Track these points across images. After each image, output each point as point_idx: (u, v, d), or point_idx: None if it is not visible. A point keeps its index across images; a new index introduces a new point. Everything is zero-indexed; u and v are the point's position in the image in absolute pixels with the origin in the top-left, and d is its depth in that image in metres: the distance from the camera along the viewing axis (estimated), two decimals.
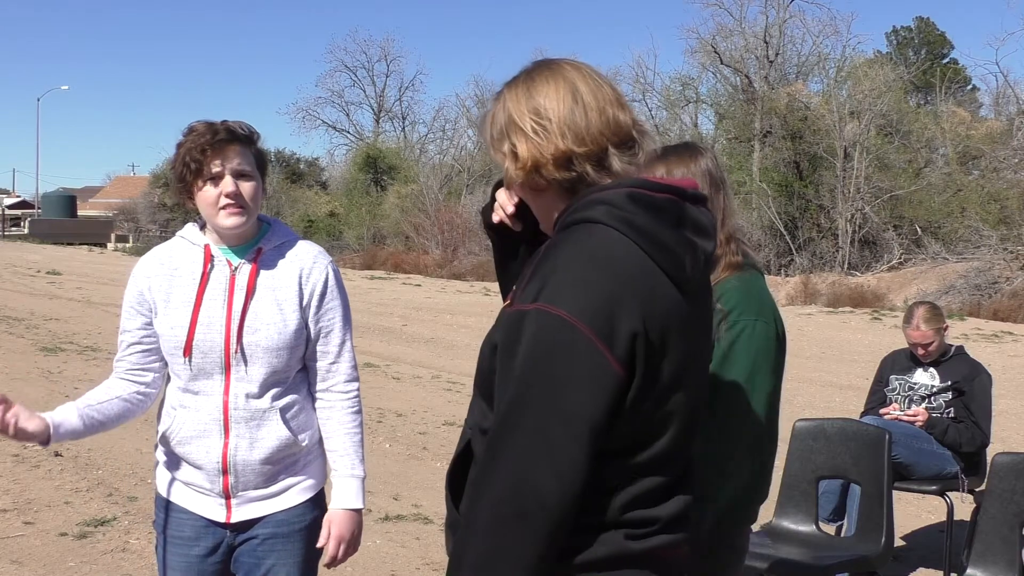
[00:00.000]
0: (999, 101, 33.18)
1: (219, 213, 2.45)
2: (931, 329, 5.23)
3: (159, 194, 45.79)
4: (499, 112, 1.77)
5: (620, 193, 1.67)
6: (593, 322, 1.57)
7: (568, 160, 1.70)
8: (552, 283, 1.60)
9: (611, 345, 1.57)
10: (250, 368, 2.47)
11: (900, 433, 4.90)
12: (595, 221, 1.66)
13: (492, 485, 1.57)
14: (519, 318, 1.62)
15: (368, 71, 50.25)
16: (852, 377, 11.17)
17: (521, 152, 1.71)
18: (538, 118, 1.71)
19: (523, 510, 1.55)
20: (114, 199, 56.86)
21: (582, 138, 1.70)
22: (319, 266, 2.57)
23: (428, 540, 5.43)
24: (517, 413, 1.58)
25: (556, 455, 1.55)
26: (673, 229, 1.68)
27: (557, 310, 1.58)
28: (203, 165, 2.42)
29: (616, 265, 1.62)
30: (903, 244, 25.93)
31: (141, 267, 2.59)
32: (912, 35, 49.77)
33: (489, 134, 1.80)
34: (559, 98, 1.72)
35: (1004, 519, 3.88)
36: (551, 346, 1.57)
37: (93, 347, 12.13)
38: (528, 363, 1.58)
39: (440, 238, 30.63)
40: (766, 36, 31.51)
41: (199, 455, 2.49)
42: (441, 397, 9.76)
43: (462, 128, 42.96)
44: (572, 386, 1.57)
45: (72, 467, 6.67)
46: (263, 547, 2.53)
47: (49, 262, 26.72)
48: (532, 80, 1.76)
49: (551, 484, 1.54)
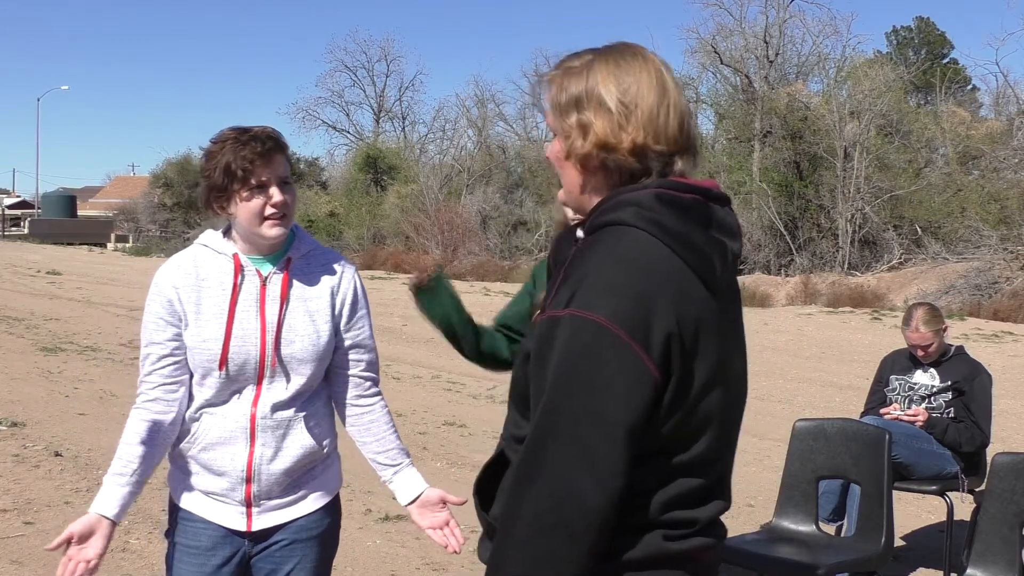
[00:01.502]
0: (999, 101, 33.21)
1: (264, 223, 2.41)
2: (930, 331, 5.23)
3: (159, 194, 45.87)
4: (577, 80, 1.71)
5: (648, 194, 1.65)
6: (628, 325, 1.55)
7: (643, 152, 1.67)
8: (584, 288, 1.58)
9: (647, 347, 1.56)
10: (283, 379, 2.45)
11: (900, 433, 4.90)
12: (624, 223, 1.64)
13: (531, 494, 1.55)
14: (552, 325, 1.60)
15: (368, 71, 50.29)
16: (852, 377, 11.17)
17: (597, 128, 1.67)
18: (625, 100, 1.67)
19: (565, 518, 1.53)
20: (114, 199, 56.87)
21: (660, 136, 1.68)
22: (347, 276, 2.56)
23: (428, 540, 5.40)
24: (554, 420, 1.56)
25: (596, 461, 1.54)
26: (702, 229, 1.67)
27: (591, 315, 1.56)
28: (251, 175, 2.37)
29: (648, 267, 1.60)
30: (903, 244, 25.95)
31: (165, 276, 2.49)
32: (912, 35, 49.78)
33: (555, 98, 1.73)
34: (650, 88, 1.69)
35: (1004, 519, 3.88)
36: (586, 351, 1.56)
37: (93, 347, 12.13)
38: (563, 369, 1.57)
39: (440, 238, 30.64)
40: (766, 36, 31.52)
41: (223, 462, 2.45)
42: (441, 397, 9.76)
43: (462, 128, 43.02)
44: (609, 390, 1.55)
45: (72, 467, 6.66)
46: (281, 552, 2.52)
47: (49, 262, 26.71)
48: (624, 59, 1.71)
49: (592, 491, 1.53)
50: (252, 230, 2.43)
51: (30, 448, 7.07)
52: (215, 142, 2.43)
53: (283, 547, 2.52)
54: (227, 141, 2.41)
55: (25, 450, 7.00)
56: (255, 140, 2.40)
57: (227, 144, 2.40)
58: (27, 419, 7.96)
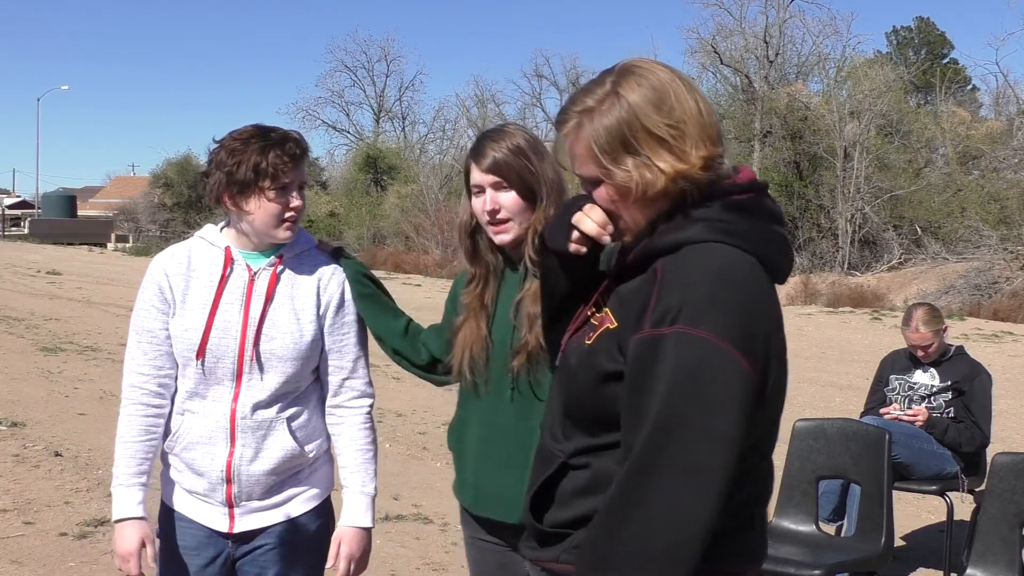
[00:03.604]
0: (999, 101, 33.24)
1: (280, 225, 2.42)
2: (930, 331, 5.23)
3: (159, 194, 45.85)
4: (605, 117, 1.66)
5: (712, 208, 1.66)
6: (735, 339, 1.56)
7: (711, 163, 1.66)
8: (688, 305, 1.58)
9: (752, 357, 1.57)
10: (263, 376, 2.42)
11: (900, 433, 4.90)
12: (701, 240, 1.64)
13: (640, 516, 1.54)
14: (654, 343, 1.58)
15: (368, 71, 50.33)
16: (852, 377, 11.17)
17: (663, 163, 1.63)
18: (672, 122, 1.64)
19: (676, 540, 1.52)
20: (114, 199, 56.84)
21: (713, 139, 1.67)
22: (336, 279, 2.53)
23: (428, 540, 5.43)
24: (665, 440, 1.54)
25: (708, 481, 1.53)
26: (767, 226, 1.70)
27: (699, 331, 1.55)
28: (281, 176, 2.37)
29: (737, 278, 1.61)
30: (903, 244, 25.95)
31: (158, 264, 2.50)
32: (912, 35, 49.77)
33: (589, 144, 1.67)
34: (684, 97, 1.66)
35: (1004, 519, 3.88)
36: (699, 368, 1.55)
37: (93, 347, 12.13)
38: (674, 388, 1.55)
39: (440, 238, 30.61)
40: (766, 36, 31.52)
41: (204, 462, 2.45)
42: (441, 397, 9.74)
43: (462, 128, 43.06)
44: (721, 408, 1.54)
45: (72, 467, 6.66)
46: (266, 557, 2.50)
47: (49, 262, 26.70)
48: (643, 80, 1.67)
49: (703, 511, 1.52)
50: (266, 231, 2.43)
51: (30, 448, 7.07)
52: (238, 139, 2.40)
53: (267, 551, 2.49)
54: (253, 139, 2.38)
55: (25, 450, 7.00)
56: (289, 142, 2.40)
57: (255, 142, 2.38)
58: (27, 419, 7.96)
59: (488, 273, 2.50)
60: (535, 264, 2.31)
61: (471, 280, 2.53)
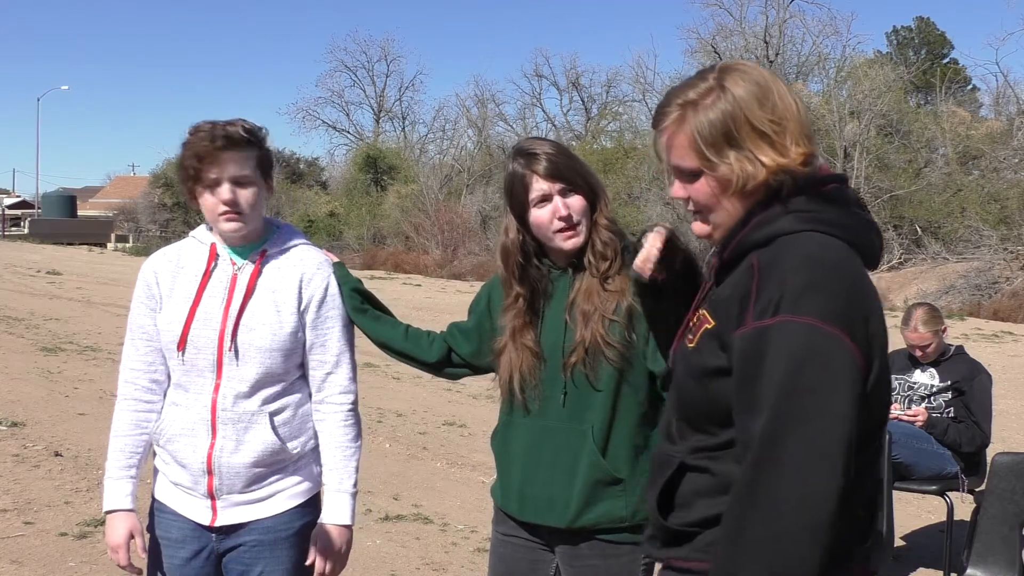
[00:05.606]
0: (999, 101, 33.21)
1: (219, 218, 2.45)
2: (929, 331, 5.23)
3: (159, 194, 45.82)
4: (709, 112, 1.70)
5: (799, 200, 1.69)
6: (839, 322, 1.58)
7: (810, 158, 1.71)
8: (788, 295, 1.60)
9: (856, 341, 1.59)
10: (242, 368, 2.44)
11: (900, 433, 4.90)
12: (792, 231, 1.67)
13: (768, 502, 1.56)
14: (759, 334, 1.61)
15: (368, 71, 50.37)
16: None
17: (765, 157, 1.68)
18: (774, 118, 1.69)
19: (807, 522, 1.54)
20: (114, 199, 56.85)
21: (810, 136, 1.72)
22: (321, 274, 2.54)
23: (428, 540, 5.42)
24: (785, 427, 1.56)
25: (832, 461, 1.55)
26: (854, 213, 1.73)
27: (803, 318, 1.58)
28: (200, 172, 2.40)
29: (832, 262, 1.64)
30: (903, 244, 25.92)
31: (148, 263, 2.59)
32: (912, 35, 49.74)
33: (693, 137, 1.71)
34: (783, 94, 1.71)
35: (1004, 519, 3.88)
36: (808, 353, 1.57)
37: (93, 347, 12.13)
38: (786, 374, 1.57)
39: (440, 238, 30.62)
40: (766, 36, 31.54)
41: (186, 453, 2.48)
42: (441, 397, 9.75)
43: (462, 128, 43.03)
44: (836, 389, 1.56)
45: (72, 467, 6.66)
46: (250, 553, 2.50)
47: (49, 262, 26.71)
48: (744, 76, 1.72)
49: (830, 491, 1.54)
50: (214, 224, 2.49)
51: (30, 448, 7.07)
52: (189, 134, 2.45)
53: (251, 548, 2.50)
54: (193, 135, 2.43)
55: (25, 450, 7.01)
56: (208, 137, 2.39)
57: (189, 140, 2.43)
58: (27, 419, 7.96)
59: (534, 292, 2.46)
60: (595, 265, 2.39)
61: (514, 301, 2.47)
